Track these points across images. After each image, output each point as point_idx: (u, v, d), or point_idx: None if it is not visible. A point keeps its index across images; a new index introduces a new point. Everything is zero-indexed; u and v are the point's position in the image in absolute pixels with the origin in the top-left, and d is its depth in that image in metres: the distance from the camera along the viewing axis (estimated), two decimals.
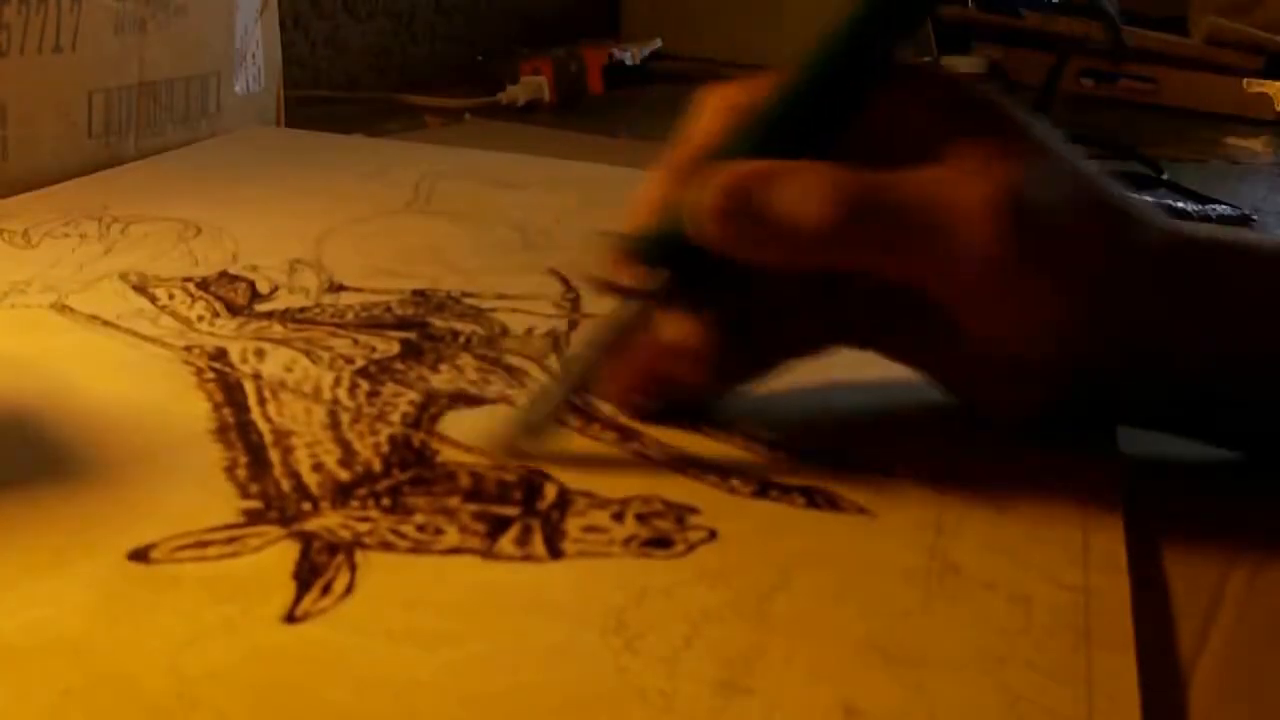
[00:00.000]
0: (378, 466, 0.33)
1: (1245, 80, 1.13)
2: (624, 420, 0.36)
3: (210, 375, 0.38)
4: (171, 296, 0.45)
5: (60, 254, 0.49)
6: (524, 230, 0.55)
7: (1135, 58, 1.18)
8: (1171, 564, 0.31)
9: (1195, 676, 0.27)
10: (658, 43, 1.17)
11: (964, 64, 1.33)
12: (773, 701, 0.24)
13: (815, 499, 0.32)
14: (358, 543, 0.29)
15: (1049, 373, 0.35)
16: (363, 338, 0.41)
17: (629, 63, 1.08)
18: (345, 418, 0.36)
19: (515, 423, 0.35)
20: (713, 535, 0.30)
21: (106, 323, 0.42)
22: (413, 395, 0.37)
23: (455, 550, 0.29)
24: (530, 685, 0.24)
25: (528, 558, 0.29)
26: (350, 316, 0.44)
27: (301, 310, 0.44)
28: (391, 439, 0.34)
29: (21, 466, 0.32)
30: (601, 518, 0.31)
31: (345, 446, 0.34)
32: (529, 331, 0.43)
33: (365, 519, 0.30)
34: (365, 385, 0.38)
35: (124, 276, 0.46)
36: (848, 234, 0.32)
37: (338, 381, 0.38)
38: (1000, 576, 0.29)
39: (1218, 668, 0.27)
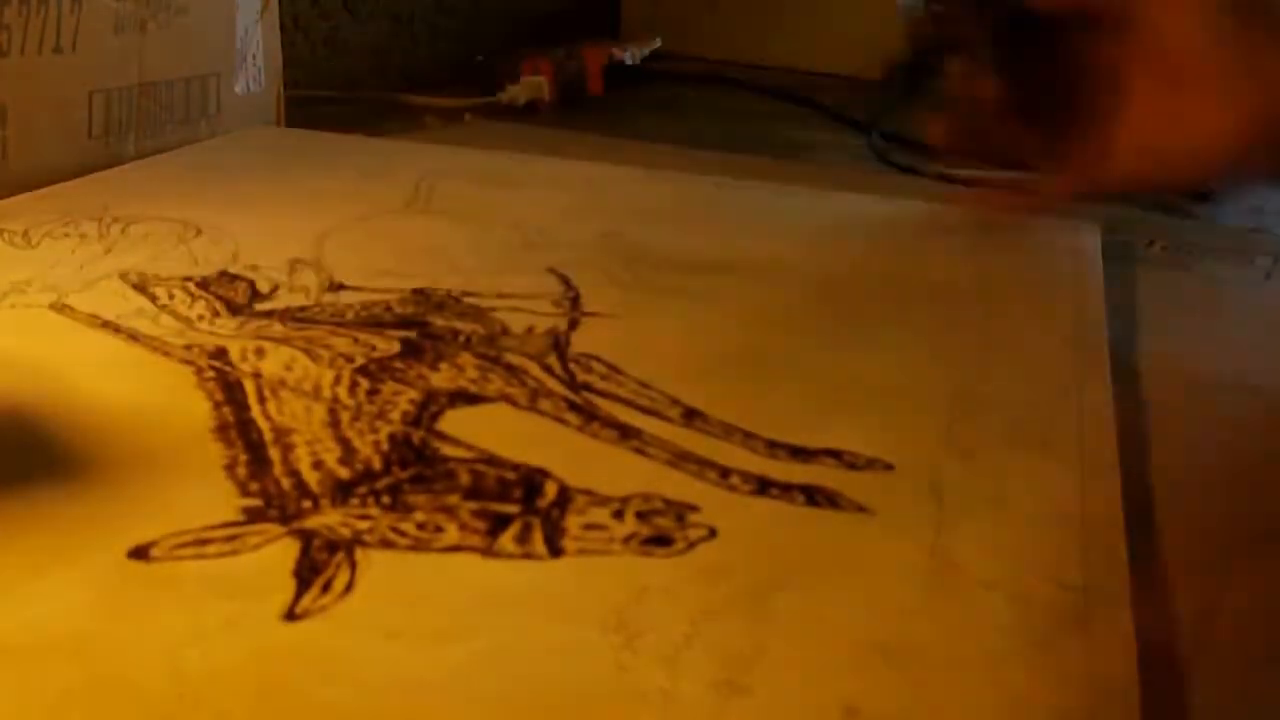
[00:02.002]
0: (378, 464, 0.33)
1: None
2: (623, 418, 0.36)
3: (210, 374, 0.38)
4: (171, 296, 0.45)
5: (60, 254, 0.49)
6: (524, 230, 0.55)
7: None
8: (1171, 563, 0.31)
9: (1195, 676, 0.27)
10: (658, 43, 1.17)
11: None
12: (773, 701, 0.24)
13: (815, 498, 0.32)
14: (358, 540, 0.29)
15: None
16: (363, 336, 0.41)
17: (629, 63, 1.08)
18: (345, 416, 0.36)
19: None
20: (713, 533, 0.30)
21: (106, 322, 0.42)
22: (413, 394, 0.37)
23: (455, 548, 0.29)
24: (530, 683, 0.24)
25: (528, 555, 0.29)
26: (350, 315, 0.44)
27: (301, 309, 0.44)
28: (391, 437, 0.34)
29: (21, 466, 0.32)
30: (602, 515, 0.31)
31: (345, 445, 0.34)
32: (529, 330, 0.43)
33: (365, 517, 0.30)
34: (365, 384, 0.38)
35: (124, 276, 0.46)
36: None
37: (338, 380, 0.38)
38: (1000, 576, 0.29)
39: (1218, 668, 0.27)
